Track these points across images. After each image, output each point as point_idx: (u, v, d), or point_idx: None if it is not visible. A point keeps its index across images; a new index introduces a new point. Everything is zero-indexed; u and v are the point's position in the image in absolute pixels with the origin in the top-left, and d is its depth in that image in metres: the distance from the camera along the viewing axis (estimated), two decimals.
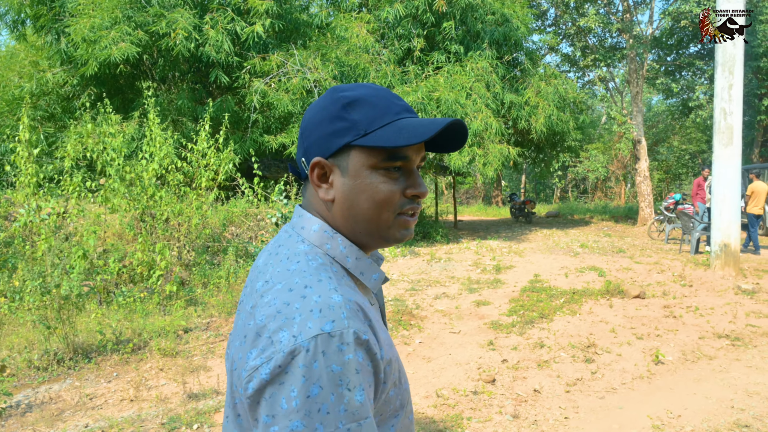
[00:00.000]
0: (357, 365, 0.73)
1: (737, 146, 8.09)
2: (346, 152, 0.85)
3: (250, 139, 12.05)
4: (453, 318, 5.95)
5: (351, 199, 0.85)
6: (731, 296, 6.90)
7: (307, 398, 0.69)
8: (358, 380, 0.72)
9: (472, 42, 13.85)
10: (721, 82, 8.16)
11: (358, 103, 0.85)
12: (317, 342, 0.71)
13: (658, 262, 9.38)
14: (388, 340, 0.84)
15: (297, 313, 0.73)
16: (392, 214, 0.86)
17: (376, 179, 0.84)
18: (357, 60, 11.26)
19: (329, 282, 0.79)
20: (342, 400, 0.71)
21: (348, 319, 0.74)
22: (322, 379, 0.70)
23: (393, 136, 0.81)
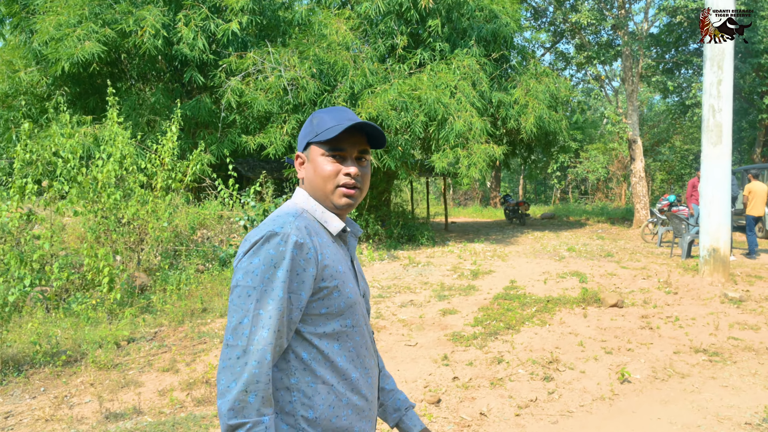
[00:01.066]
0: (288, 255, 1.17)
1: (726, 145, 7.66)
2: (308, 147, 1.33)
3: (227, 140, 11.70)
4: (413, 329, 5.55)
5: (311, 176, 1.31)
6: (716, 305, 6.47)
7: (250, 263, 1.18)
8: (284, 264, 1.17)
9: (459, 39, 13.45)
10: (710, 78, 7.74)
11: (317, 117, 1.33)
12: (268, 234, 1.19)
13: (645, 267, 8.95)
14: (336, 259, 1.27)
15: (271, 221, 1.23)
16: (333, 186, 1.28)
17: (323, 162, 1.29)
18: (335, 57, 10.88)
19: (293, 214, 1.25)
20: (267, 271, 1.16)
21: (291, 228, 1.20)
22: (261, 256, 1.17)
23: (324, 135, 1.28)
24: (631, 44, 15.22)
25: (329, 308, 1.23)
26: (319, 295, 1.22)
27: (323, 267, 1.21)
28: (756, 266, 9.17)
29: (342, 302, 1.25)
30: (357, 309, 1.30)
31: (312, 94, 10.77)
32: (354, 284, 1.31)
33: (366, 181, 1.34)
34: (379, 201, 13.45)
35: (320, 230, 1.28)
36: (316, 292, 1.22)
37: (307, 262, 1.19)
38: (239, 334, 1.14)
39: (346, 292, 1.26)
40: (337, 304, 1.25)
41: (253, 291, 1.15)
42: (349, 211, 1.34)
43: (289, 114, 11.42)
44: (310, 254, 1.19)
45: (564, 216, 21.93)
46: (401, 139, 11.49)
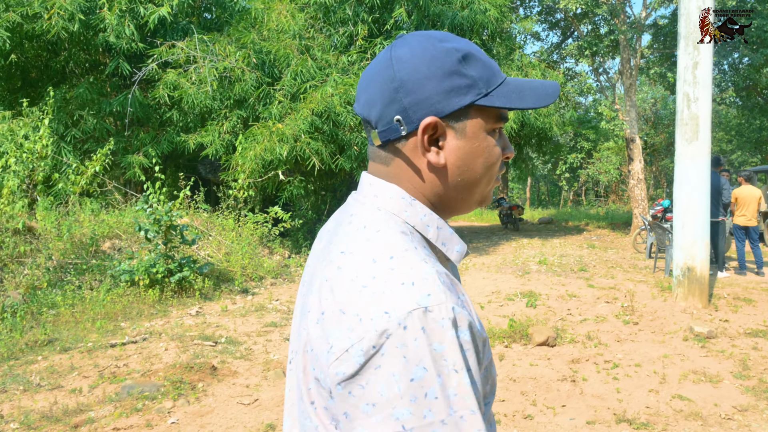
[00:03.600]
0: (461, 343, 0.64)
1: (704, 142, 6.30)
2: (465, 113, 0.76)
3: (164, 139, 10.65)
4: (269, 378, 4.36)
5: (467, 164, 0.77)
6: (677, 343, 5.14)
7: (411, 382, 0.60)
8: (463, 360, 0.63)
9: (429, 27, 12.21)
10: (684, 60, 6.40)
11: (473, 58, 0.76)
12: (414, 318, 0.62)
13: (615, 287, 7.61)
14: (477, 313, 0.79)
15: (386, 287, 0.64)
16: (493, 178, 0.81)
17: (490, 142, 0.78)
18: (276, 46, 9.74)
19: (416, 252, 0.70)
20: (450, 383, 0.61)
21: (445, 293, 0.65)
22: (425, 360, 0.61)
23: (516, 97, 0.76)
24: (626, 33, 13.77)
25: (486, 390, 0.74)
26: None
27: (482, 340, 0.71)
28: (749, 286, 7.76)
29: (494, 380, 0.77)
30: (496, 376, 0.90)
31: (249, 87, 9.66)
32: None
33: None
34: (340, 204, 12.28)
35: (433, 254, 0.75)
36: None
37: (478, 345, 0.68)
38: None
39: (491, 360, 0.75)
40: (491, 383, 0.76)
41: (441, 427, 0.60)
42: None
43: (231, 109, 10.35)
44: (476, 328, 0.68)
45: (563, 221, 20.47)
46: (357, 138, 10.32)
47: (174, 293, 7.00)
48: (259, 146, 9.10)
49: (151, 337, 5.40)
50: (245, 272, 7.95)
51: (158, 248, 7.13)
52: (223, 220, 9.06)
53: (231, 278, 7.73)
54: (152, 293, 6.76)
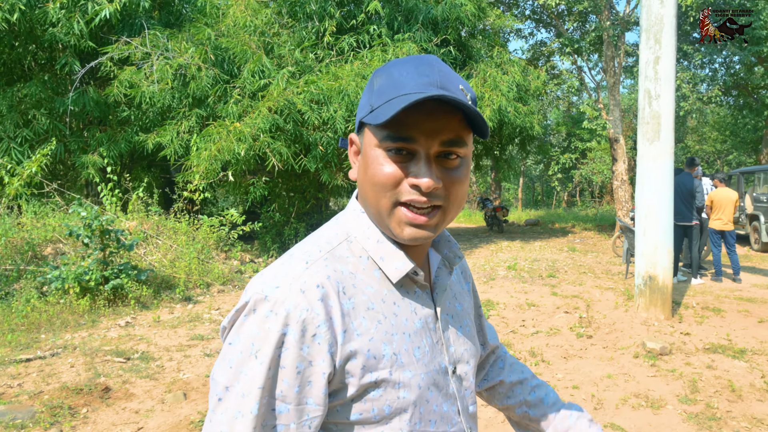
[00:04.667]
0: (277, 338, 0.69)
1: (667, 141, 5.90)
2: (362, 129, 0.80)
3: (122, 138, 10.26)
4: (167, 401, 3.96)
5: (361, 179, 0.79)
6: (626, 361, 4.73)
7: (228, 345, 0.72)
8: (266, 353, 0.68)
9: (403, 23, 11.81)
10: (645, 55, 5.98)
11: (382, 74, 0.77)
12: (253, 300, 0.71)
13: (579, 295, 7.20)
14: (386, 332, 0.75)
15: (266, 275, 0.74)
16: (389, 201, 0.75)
17: (377, 159, 0.75)
18: (233, 42, 9.35)
19: (312, 254, 0.76)
20: (245, 363, 0.69)
21: (291, 290, 0.70)
22: (241, 335, 0.71)
23: (380, 114, 0.72)
24: (609, 30, 13.34)
25: (363, 413, 0.74)
26: (346, 396, 0.73)
27: (348, 355, 0.72)
28: (721, 294, 7.34)
29: (386, 405, 0.75)
30: (423, 409, 0.77)
31: (205, 85, 9.27)
32: (424, 364, 0.79)
33: (456, 193, 0.77)
34: (311, 207, 11.89)
35: (367, 277, 0.78)
36: (337, 392, 0.73)
37: (314, 351, 0.70)
38: None
39: (396, 389, 0.75)
40: (378, 407, 0.74)
41: (224, 394, 0.71)
42: (422, 242, 0.77)
43: (190, 108, 9.95)
44: (319, 337, 0.70)
45: (550, 222, 20.04)
46: (323, 137, 9.93)
47: (108, 302, 6.61)
48: (215, 146, 8.71)
49: (63, 352, 5.01)
50: (191, 279, 7.56)
51: (95, 254, 6.74)
52: (176, 223, 8.67)
53: (175, 285, 7.33)
54: (83, 302, 6.37)
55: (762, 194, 12.27)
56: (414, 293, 0.83)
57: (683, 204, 8.08)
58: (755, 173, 13.00)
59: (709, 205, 8.29)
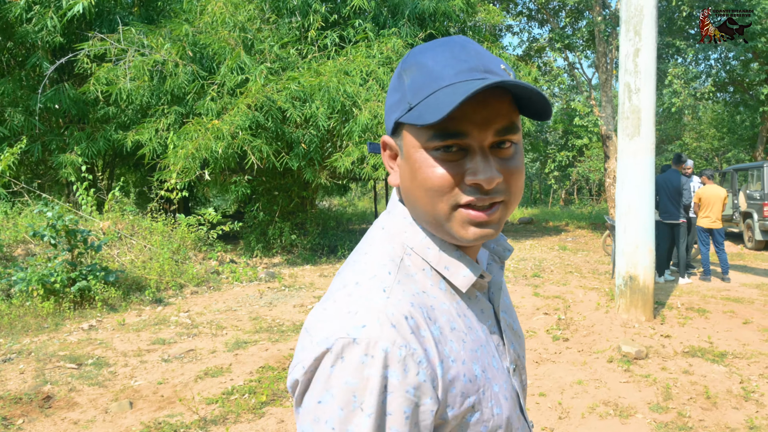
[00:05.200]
0: (380, 384, 0.61)
1: (647, 137, 5.69)
2: (400, 130, 0.71)
3: (101, 137, 10.07)
4: (111, 410, 3.77)
5: (408, 186, 0.71)
6: (600, 365, 4.53)
7: (318, 404, 0.63)
8: (371, 402, 0.61)
9: (389, 18, 11.61)
10: (625, 47, 5.78)
11: (411, 68, 0.69)
12: (338, 346, 0.62)
13: (561, 296, 7.00)
14: (470, 351, 0.71)
15: (337, 312, 0.65)
16: (447, 205, 0.68)
17: (426, 162, 0.67)
18: (212, 39, 9.15)
19: (383, 279, 0.68)
20: (351, 419, 0.61)
21: (383, 327, 0.63)
22: (333, 389, 0.62)
23: (424, 112, 0.64)
24: (600, 25, 13.12)
25: None
26: (445, 430, 0.68)
27: (448, 386, 0.66)
28: (708, 294, 7.14)
29: (483, 426, 0.70)
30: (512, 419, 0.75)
31: (182, 81, 9.07)
32: (503, 372, 0.76)
33: (516, 184, 0.70)
34: (296, 206, 11.69)
35: (436, 291, 0.71)
36: (438, 427, 0.67)
37: (420, 391, 0.63)
38: None
39: (490, 406, 0.71)
40: (477, 430, 0.70)
41: None
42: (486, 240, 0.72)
43: (169, 105, 9.76)
44: (421, 375, 0.63)
45: (544, 221, 19.83)
46: (306, 135, 9.74)
47: (75, 305, 6.43)
48: (191, 144, 8.52)
49: (17, 358, 4.82)
50: (163, 280, 7.37)
51: (62, 255, 6.55)
52: (152, 222, 8.47)
53: (146, 287, 7.14)
54: (47, 305, 6.18)
55: (755, 191, 12.06)
56: (476, 298, 0.78)
57: (670, 202, 7.89)
58: (748, 170, 12.78)
59: (697, 203, 8.08)
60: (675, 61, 13.12)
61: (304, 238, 11.32)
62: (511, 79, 0.63)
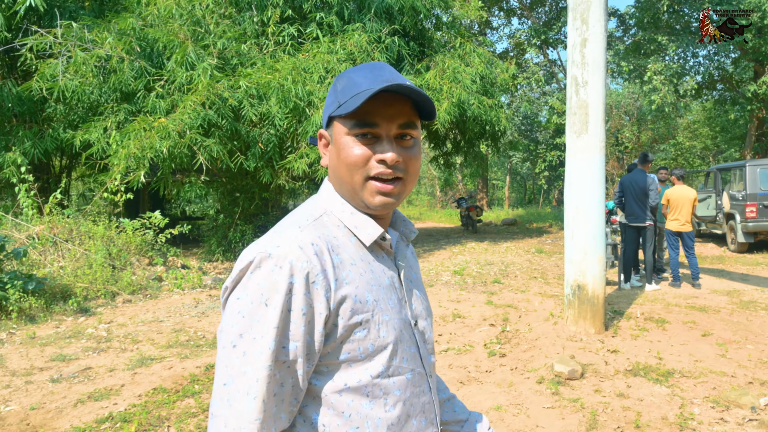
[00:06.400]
0: (282, 286, 0.82)
1: (596, 135, 5.25)
2: (331, 123, 0.96)
3: (48, 135, 9.64)
4: None
5: (334, 163, 0.95)
6: (527, 387, 4.08)
7: (237, 300, 0.84)
8: (277, 299, 0.81)
9: (355, 11, 11.17)
10: (572, 37, 5.34)
11: (344, 78, 0.95)
12: (258, 257, 0.84)
13: (514, 304, 6.56)
14: (367, 282, 0.90)
15: (262, 240, 0.88)
16: (361, 176, 0.92)
17: (348, 144, 0.92)
18: (159, 33, 8.71)
19: (300, 223, 0.91)
20: (257, 310, 0.81)
21: (291, 247, 0.84)
22: (249, 289, 0.83)
23: (346, 106, 0.90)
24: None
25: (351, 353, 0.88)
26: (336, 338, 0.87)
27: (340, 299, 0.87)
28: (675, 301, 6.69)
29: (370, 344, 0.89)
30: (399, 348, 0.93)
31: (127, 78, 8.64)
32: (396, 312, 0.95)
33: (412, 167, 0.96)
34: (258, 208, 11.25)
35: (346, 241, 0.94)
36: (330, 334, 0.87)
37: (314, 295, 0.84)
38: (222, 400, 0.83)
39: (377, 329, 0.90)
40: (363, 346, 0.89)
41: (238, 340, 0.83)
42: (389, 211, 0.97)
43: (118, 103, 9.33)
44: (317, 283, 0.85)
45: (528, 222, 19.37)
46: (263, 134, 9.31)
47: None
48: (133, 143, 8.08)
49: None
50: (93, 288, 6.93)
51: None
52: (93, 227, 8.03)
53: (73, 296, 6.71)
54: None
55: (738, 192, 11.59)
56: (382, 257, 0.98)
57: (636, 203, 7.45)
58: (731, 170, 12.32)
59: (665, 204, 7.62)
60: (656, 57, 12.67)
61: None
62: (405, 84, 0.87)
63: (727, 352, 4.89)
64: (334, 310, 0.85)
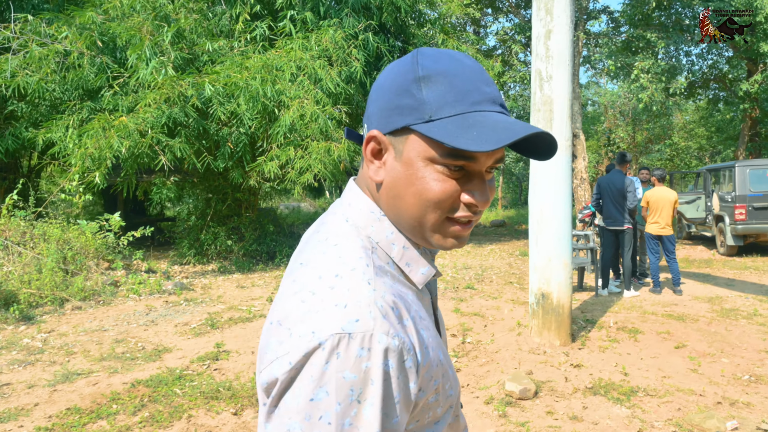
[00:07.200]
0: (377, 375, 0.63)
1: (561, 133, 4.91)
2: (404, 134, 0.72)
3: (8, 134, 9.30)
4: None
5: (398, 189, 0.73)
6: (473, 408, 3.74)
7: (311, 401, 0.61)
8: (374, 393, 0.63)
9: (331, 7, 10.83)
10: (537, 29, 5.00)
11: (434, 79, 0.71)
12: (333, 342, 0.62)
13: (482, 313, 6.22)
14: (433, 338, 0.75)
15: (321, 305, 0.65)
16: (440, 217, 0.73)
17: (430, 174, 0.71)
18: (121, 27, 8.37)
19: (364, 272, 0.70)
20: (349, 412, 0.62)
21: (375, 320, 0.64)
22: (329, 385, 0.61)
23: (456, 133, 0.67)
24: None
25: (420, 420, 0.74)
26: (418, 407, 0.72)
27: (424, 370, 0.70)
28: (652, 308, 6.35)
29: (439, 407, 0.76)
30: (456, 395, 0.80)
31: (87, 74, 8.30)
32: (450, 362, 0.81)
33: (489, 201, 0.76)
34: (231, 209, 10.90)
35: (402, 283, 0.76)
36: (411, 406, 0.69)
37: (409, 377, 0.66)
38: None
39: (447, 388, 0.76)
40: (434, 412, 0.75)
41: None
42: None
43: (81, 101, 8.99)
44: (409, 362, 0.66)
45: (517, 223, 19.04)
46: (233, 133, 8.97)
47: None
48: (91, 143, 7.74)
49: None
50: (42, 294, 6.59)
51: None
52: (49, 229, 7.69)
53: (18, 302, 6.36)
54: None
55: (728, 193, 11.26)
56: (425, 295, 0.83)
57: (614, 206, 7.11)
58: (720, 171, 11.98)
59: (645, 207, 7.28)
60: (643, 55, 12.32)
61: (240, 243, 10.55)
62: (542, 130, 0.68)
63: (699, 366, 4.56)
64: (419, 384, 0.69)
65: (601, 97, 29.09)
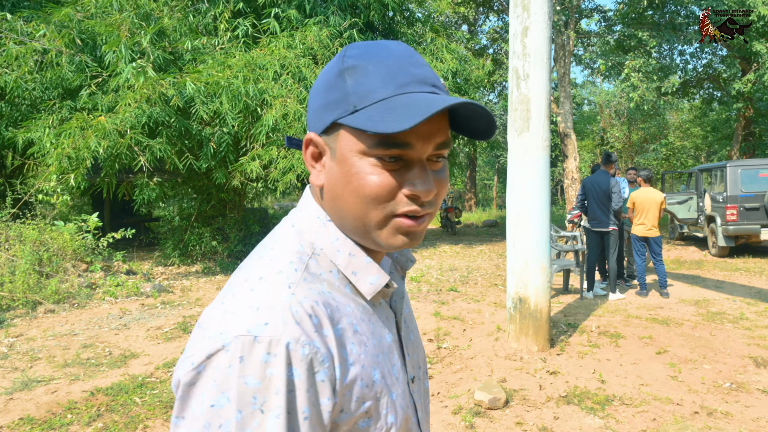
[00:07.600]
0: (280, 384, 0.58)
1: (538, 133, 4.77)
2: (335, 130, 0.68)
3: None
4: None
5: (337, 189, 0.69)
6: (439, 420, 3.61)
7: (211, 407, 0.57)
8: (278, 403, 0.58)
9: (317, 5, 10.69)
10: (514, 26, 4.86)
11: (358, 68, 0.66)
12: (238, 344, 0.58)
13: (461, 317, 6.09)
14: (369, 356, 0.68)
15: (237, 307, 0.62)
16: (383, 214, 0.67)
17: (364, 168, 0.66)
18: (100, 25, 8.22)
19: (289, 275, 0.65)
20: (250, 422, 0.57)
21: (286, 325, 0.59)
22: (230, 391, 0.57)
23: (377, 118, 0.62)
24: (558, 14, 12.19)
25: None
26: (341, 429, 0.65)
27: (346, 388, 0.64)
28: (637, 312, 6.22)
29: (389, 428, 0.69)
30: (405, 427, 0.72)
31: (66, 73, 8.16)
32: (401, 382, 0.73)
33: (440, 197, 0.71)
34: (216, 209, 10.77)
35: (343, 296, 0.69)
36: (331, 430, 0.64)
37: (319, 391, 0.61)
38: None
39: (384, 414, 0.69)
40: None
41: None
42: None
43: (61, 100, 8.85)
44: (321, 374, 0.61)
45: None
46: (216, 133, 8.82)
47: None
48: (68, 142, 7.60)
49: None
50: (14, 297, 6.44)
51: None
52: (25, 230, 7.54)
53: None
54: None
55: (719, 194, 11.14)
56: (380, 305, 0.75)
57: (599, 207, 6.99)
58: (712, 171, 11.85)
59: (631, 208, 7.15)
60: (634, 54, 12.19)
61: (225, 244, 10.41)
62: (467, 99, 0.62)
63: (679, 373, 4.43)
64: (338, 403, 0.63)
65: (596, 97, 28.98)
